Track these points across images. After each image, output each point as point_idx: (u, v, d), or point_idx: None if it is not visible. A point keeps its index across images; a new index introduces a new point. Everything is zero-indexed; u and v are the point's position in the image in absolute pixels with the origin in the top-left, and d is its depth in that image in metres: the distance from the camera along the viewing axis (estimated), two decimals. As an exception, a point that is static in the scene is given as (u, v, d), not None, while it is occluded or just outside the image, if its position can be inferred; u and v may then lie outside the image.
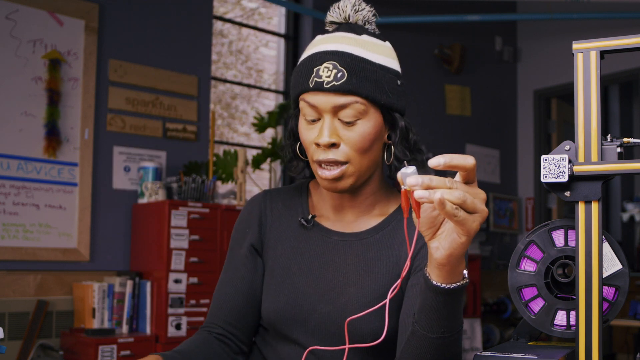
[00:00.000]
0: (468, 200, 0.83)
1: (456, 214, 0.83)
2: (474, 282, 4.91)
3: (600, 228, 0.86)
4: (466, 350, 4.77)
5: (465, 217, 0.84)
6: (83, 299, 3.30)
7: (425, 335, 0.98)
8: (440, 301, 0.95)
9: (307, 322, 1.20)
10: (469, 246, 0.89)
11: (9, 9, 3.33)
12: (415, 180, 0.82)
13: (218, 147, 4.40)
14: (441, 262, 0.90)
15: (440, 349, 0.99)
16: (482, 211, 0.86)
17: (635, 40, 0.87)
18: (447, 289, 0.93)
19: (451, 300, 0.95)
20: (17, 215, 3.29)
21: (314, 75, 1.14)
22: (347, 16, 1.21)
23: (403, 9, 5.13)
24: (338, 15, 1.22)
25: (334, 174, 1.14)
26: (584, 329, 0.85)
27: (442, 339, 0.98)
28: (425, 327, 0.98)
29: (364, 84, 1.13)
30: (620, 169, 0.84)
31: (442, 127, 5.37)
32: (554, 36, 5.67)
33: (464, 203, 0.83)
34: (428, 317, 0.97)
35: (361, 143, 1.14)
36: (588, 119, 0.87)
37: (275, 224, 1.29)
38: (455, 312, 0.97)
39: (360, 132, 1.14)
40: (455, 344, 1.00)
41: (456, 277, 0.93)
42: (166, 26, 3.88)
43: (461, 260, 0.92)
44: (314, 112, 1.15)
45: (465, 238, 0.86)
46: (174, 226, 3.30)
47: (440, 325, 0.97)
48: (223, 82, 4.62)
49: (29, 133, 3.36)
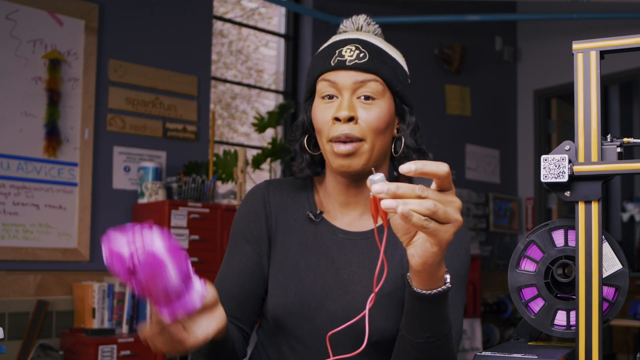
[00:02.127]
0: (439, 210, 0.81)
1: (426, 225, 0.80)
2: (474, 282, 4.91)
3: (600, 228, 0.86)
4: (466, 350, 4.77)
5: (437, 228, 0.82)
6: (83, 299, 3.30)
7: (411, 340, 0.99)
8: (422, 307, 0.94)
9: (313, 319, 1.20)
10: (443, 254, 0.87)
11: (9, 9, 3.33)
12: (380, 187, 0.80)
13: (218, 147, 4.40)
14: (417, 269, 0.89)
15: (428, 352, 0.99)
16: (456, 220, 0.83)
17: (635, 40, 0.87)
18: (426, 295, 0.93)
19: (432, 306, 0.94)
20: (17, 215, 3.29)
21: (336, 55, 1.20)
22: (360, 27, 1.27)
23: (403, 9, 5.13)
24: (351, 25, 1.28)
25: (348, 149, 1.15)
26: (584, 329, 0.85)
27: (427, 343, 0.98)
28: (410, 332, 0.98)
29: (383, 67, 1.19)
30: (620, 169, 0.84)
31: (442, 127, 5.37)
32: (554, 36, 5.67)
33: (434, 214, 0.81)
34: (412, 322, 0.97)
35: (377, 122, 1.17)
36: (588, 119, 0.87)
37: (281, 216, 1.28)
38: (440, 317, 0.96)
39: (377, 112, 1.17)
40: (444, 348, 1.00)
41: (436, 283, 0.92)
42: (166, 26, 3.88)
43: (439, 267, 0.90)
44: (334, 89, 1.19)
45: (437, 248, 0.85)
46: (174, 226, 3.30)
47: (424, 330, 0.97)
48: (223, 82, 4.62)
49: (29, 133, 3.36)
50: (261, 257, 1.26)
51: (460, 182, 5.43)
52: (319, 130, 1.20)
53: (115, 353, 3.09)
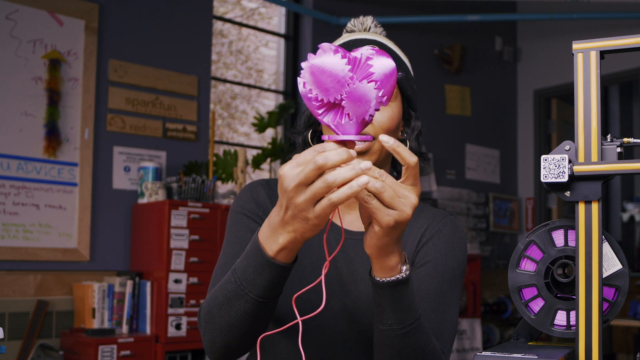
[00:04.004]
0: (386, 193, 0.85)
1: (367, 200, 0.85)
2: (474, 282, 4.91)
3: (600, 228, 0.86)
4: (466, 350, 4.77)
5: (378, 207, 0.86)
6: (83, 299, 3.30)
7: (377, 326, 1.01)
8: (380, 294, 0.97)
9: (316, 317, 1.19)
10: (387, 241, 0.90)
11: (9, 9, 3.33)
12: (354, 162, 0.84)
13: (218, 147, 4.40)
14: (368, 253, 0.94)
15: (394, 340, 1.00)
16: (401, 211, 0.87)
17: (635, 40, 0.87)
18: (379, 282, 0.96)
19: (390, 294, 0.97)
20: (17, 215, 3.30)
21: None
22: (368, 27, 1.27)
23: (403, 9, 5.13)
24: (360, 25, 1.27)
25: (361, 147, 1.16)
26: (584, 329, 0.85)
27: (392, 330, 0.99)
28: (376, 319, 1.01)
29: (398, 70, 1.20)
30: (620, 169, 0.84)
31: (442, 127, 5.37)
32: (554, 36, 5.67)
33: (379, 194, 0.85)
34: (375, 309, 1.00)
35: (389, 123, 1.19)
36: (588, 119, 0.87)
37: None
38: (401, 305, 0.98)
39: (390, 113, 1.19)
40: (413, 337, 1.01)
41: (389, 272, 0.95)
42: (166, 26, 3.88)
43: (388, 254, 0.93)
44: None
45: (377, 228, 0.88)
46: (174, 226, 3.30)
47: (387, 318, 0.99)
48: (223, 82, 4.62)
49: (29, 133, 3.36)
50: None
51: (460, 182, 5.43)
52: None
53: (115, 353, 3.09)
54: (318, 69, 0.85)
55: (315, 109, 0.87)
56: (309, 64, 0.86)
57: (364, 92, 0.85)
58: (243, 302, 0.99)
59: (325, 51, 0.85)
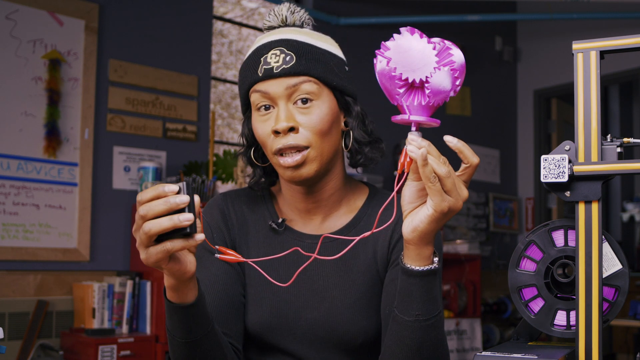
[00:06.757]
0: (449, 179, 0.88)
1: (433, 181, 0.87)
2: (474, 282, 4.91)
3: (600, 228, 0.86)
4: (466, 350, 4.77)
5: (439, 190, 0.88)
6: (83, 299, 3.30)
7: (402, 318, 1.00)
8: (412, 283, 0.97)
9: (294, 330, 1.18)
10: (434, 227, 0.92)
11: (9, 9, 3.33)
12: (415, 136, 0.90)
13: (218, 147, 4.40)
14: (406, 238, 0.94)
15: (418, 332, 0.99)
16: (457, 199, 0.89)
17: (635, 40, 0.87)
18: (414, 271, 0.96)
19: (421, 283, 0.97)
20: (17, 215, 3.30)
21: (262, 64, 1.13)
22: (284, 18, 1.20)
23: (403, 9, 5.13)
24: (275, 18, 1.21)
25: (296, 160, 1.11)
26: (584, 329, 0.85)
27: (418, 322, 0.99)
28: (401, 310, 1.00)
29: (313, 65, 1.13)
30: (620, 169, 0.84)
31: (442, 127, 5.32)
32: (554, 36, 5.67)
33: (444, 179, 0.88)
34: (403, 299, 0.99)
35: (320, 125, 1.12)
36: (588, 119, 0.87)
37: (243, 229, 1.24)
38: (429, 296, 0.98)
39: (317, 114, 1.12)
40: (434, 330, 1.01)
41: (424, 261, 0.96)
42: (166, 26, 3.88)
43: (427, 242, 0.94)
44: (268, 100, 1.13)
45: (432, 211, 0.90)
46: (174, 226, 3.30)
47: (414, 308, 0.99)
48: (223, 82, 4.62)
49: (29, 133, 3.36)
50: (234, 266, 1.20)
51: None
52: (263, 143, 1.15)
53: (115, 353, 3.09)
54: (407, 49, 0.88)
55: (397, 87, 0.90)
56: (396, 43, 0.88)
57: (445, 78, 0.90)
58: (177, 345, 1.05)
59: (411, 33, 0.88)
